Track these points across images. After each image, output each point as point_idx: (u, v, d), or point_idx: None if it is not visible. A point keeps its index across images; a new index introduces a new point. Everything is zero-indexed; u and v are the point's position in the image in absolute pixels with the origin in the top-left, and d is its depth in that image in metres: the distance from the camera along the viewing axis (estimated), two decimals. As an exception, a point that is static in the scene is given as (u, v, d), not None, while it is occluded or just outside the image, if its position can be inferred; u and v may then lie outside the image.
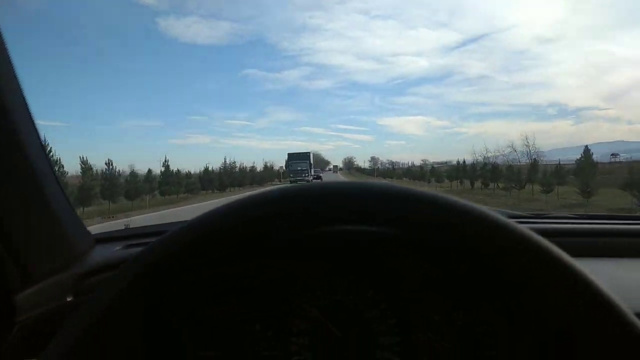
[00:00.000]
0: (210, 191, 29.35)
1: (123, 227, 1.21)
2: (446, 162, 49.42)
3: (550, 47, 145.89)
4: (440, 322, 0.42)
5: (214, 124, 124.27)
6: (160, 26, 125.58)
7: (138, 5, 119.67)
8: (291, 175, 42.23)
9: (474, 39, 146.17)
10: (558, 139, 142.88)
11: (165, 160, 25.37)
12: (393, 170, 56.43)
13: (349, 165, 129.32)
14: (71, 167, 21.39)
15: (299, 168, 43.56)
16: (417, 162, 64.65)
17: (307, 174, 42.48)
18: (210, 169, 31.54)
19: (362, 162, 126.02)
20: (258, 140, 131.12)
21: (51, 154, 14.09)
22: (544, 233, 0.83)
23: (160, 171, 25.60)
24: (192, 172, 30.40)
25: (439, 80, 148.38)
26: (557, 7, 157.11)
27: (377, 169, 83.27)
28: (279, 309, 0.43)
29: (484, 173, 24.27)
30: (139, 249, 0.96)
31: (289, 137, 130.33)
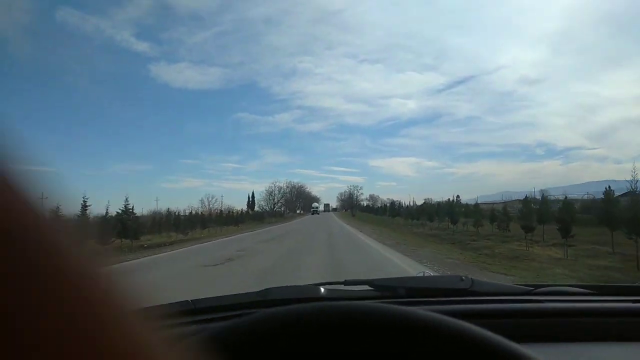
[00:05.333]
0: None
1: None
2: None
3: (536, 88, 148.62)
4: None
5: (205, 167, 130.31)
6: (152, 72, 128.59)
7: (130, 52, 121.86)
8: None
9: (460, 81, 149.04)
10: (548, 179, 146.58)
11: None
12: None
13: (349, 204, 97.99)
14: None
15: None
16: (418, 202, 49.45)
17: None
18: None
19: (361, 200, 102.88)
20: (250, 183, 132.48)
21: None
22: (556, 314, 0.82)
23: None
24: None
25: (429, 122, 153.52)
26: (541, 48, 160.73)
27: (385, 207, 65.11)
28: None
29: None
30: None
31: (281, 179, 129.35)
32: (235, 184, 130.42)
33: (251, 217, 49.23)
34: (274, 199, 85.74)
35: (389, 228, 28.82)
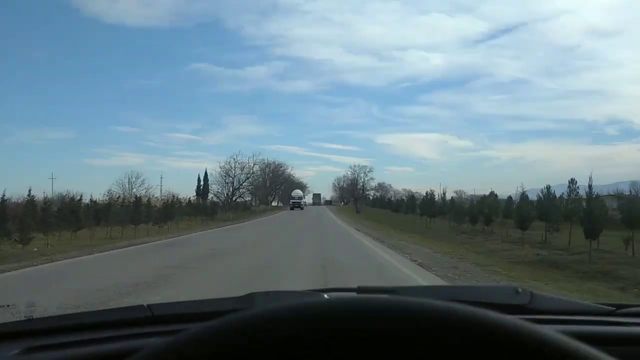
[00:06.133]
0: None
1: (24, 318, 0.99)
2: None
3: (608, 43, 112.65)
4: None
5: (148, 138, 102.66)
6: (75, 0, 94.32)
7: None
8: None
9: (506, 30, 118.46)
10: (625, 169, 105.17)
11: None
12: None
13: (352, 194, 72.54)
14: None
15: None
16: (448, 194, 30.77)
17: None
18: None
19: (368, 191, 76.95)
20: (211, 162, 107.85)
21: None
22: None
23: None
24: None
25: (460, 85, 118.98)
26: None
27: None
28: None
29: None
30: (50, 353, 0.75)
31: (254, 158, 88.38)
32: (190, 162, 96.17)
33: (190, 211, 29.96)
34: (233, 183, 53.89)
35: (465, 246, 12.94)
